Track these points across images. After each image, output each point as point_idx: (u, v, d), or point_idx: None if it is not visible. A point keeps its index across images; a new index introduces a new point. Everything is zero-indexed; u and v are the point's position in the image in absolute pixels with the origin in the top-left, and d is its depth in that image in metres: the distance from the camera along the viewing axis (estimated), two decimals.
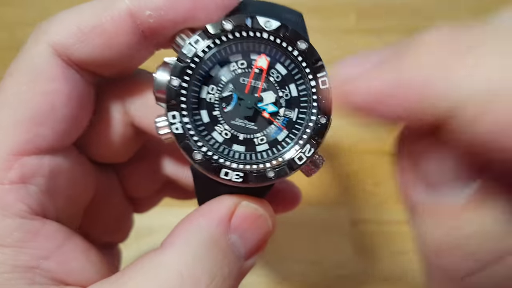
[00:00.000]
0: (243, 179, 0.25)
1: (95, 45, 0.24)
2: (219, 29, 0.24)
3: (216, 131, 0.26)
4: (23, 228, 0.23)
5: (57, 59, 0.24)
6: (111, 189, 0.34)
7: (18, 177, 0.23)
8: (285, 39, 0.24)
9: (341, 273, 0.50)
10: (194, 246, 0.23)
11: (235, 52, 0.25)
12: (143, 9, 0.24)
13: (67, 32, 0.24)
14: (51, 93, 0.24)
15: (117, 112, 0.29)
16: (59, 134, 0.24)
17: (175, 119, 0.24)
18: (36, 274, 0.23)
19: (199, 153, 0.24)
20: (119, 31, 0.24)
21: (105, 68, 0.26)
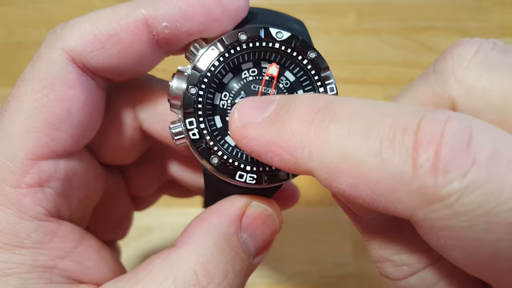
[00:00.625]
0: (256, 180, 0.26)
1: (110, 54, 0.24)
2: (234, 40, 0.25)
3: (229, 135, 0.27)
4: (40, 230, 0.23)
5: (73, 66, 0.24)
6: (117, 189, 0.34)
7: (35, 181, 0.23)
8: (295, 48, 0.26)
9: (341, 273, 0.50)
10: (207, 245, 0.24)
11: (247, 60, 0.26)
12: (160, 20, 0.24)
13: (83, 40, 0.24)
14: (67, 99, 0.24)
15: (127, 117, 0.30)
16: (74, 138, 0.25)
17: (193, 125, 0.25)
18: (53, 274, 0.23)
19: (215, 157, 0.25)
20: (134, 41, 0.24)
21: (118, 74, 0.26)
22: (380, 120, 0.17)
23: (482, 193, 0.16)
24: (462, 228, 0.16)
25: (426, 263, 0.21)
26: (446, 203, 0.16)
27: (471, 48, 0.21)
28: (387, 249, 0.22)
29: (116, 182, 0.34)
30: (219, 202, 0.26)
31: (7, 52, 0.60)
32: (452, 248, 0.17)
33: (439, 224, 0.17)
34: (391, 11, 0.65)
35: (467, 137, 0.16)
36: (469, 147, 0.16)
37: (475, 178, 0.16)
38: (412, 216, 0.17)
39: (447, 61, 0.21)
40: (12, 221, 0.23)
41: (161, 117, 0.29)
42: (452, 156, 0.16)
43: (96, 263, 0.25)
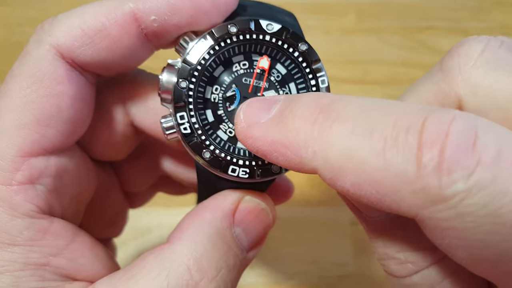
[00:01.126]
0: (249, 175, 0.25)
1: (99, 48, 0.24)
2: (224, 32, 0.25)
3: (221, 129, 0.26)
4: (32, 227, 0.23)
5: (61, 61, 0.24)
6: (110, 185, 0.34)
7: (26, 178, 0.23)
8: (286, 41, 0.25)
9: (341, 273, 0.50)
10: (200, 240, 0.24)
11: (238, 53, 0.26)
12: (148, 13, 0.24)
13: (72, 35, 0.24)
14: (56, 95, 0.24)
15: (117, 113, 0.30)
16: (64, 135, 0.25)
17: (184, 120, 0.25)
18: (46, 271, 0.23)
19: (207, 152, 0.25)
20: (123, 35, 0.24)
21: (107, 69, 0.26)
22: (384, 119, 0.17)
23: (487, 194, 0.15)
24: (466, 228, 0.16)
25: (431, 261, 0.21)
26: (450, 204, 0.16)
27: (478, 46, 0.21)
28: (391, 247, 0.22)
29: (109, 178, 0.34)
30: (212, 197, 0.26)
31: (6, 51, 0.60)
32: (456, 248, 0.17)
33: (444, 224, 0.16)
34: (391, 11, 0.65)
35: (473, 136, 0.16)
36: (475, 147, 0.16)
37: (480, 178, 0.15)
38: (417, 216, 0.17)
39: (454, 59, 0.21)
40: (3, 218, 0.22)
41: (152, 111, 0.29)
42: (457, 156, 0.16)
43: (89, 260, 0.25)
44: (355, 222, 0.52)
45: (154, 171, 0.36)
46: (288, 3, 0.66)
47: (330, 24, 0.63)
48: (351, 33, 0.63)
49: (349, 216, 0.53)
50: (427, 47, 0.62)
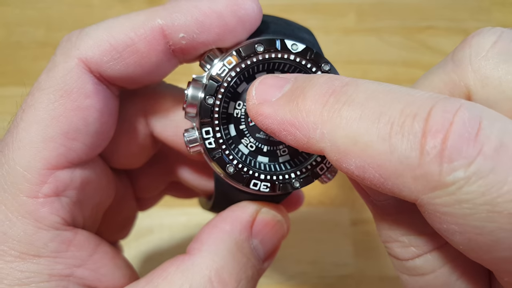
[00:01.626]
0: (270, 189, 0.26)
1: (127, 64, 0.24)
2: (251, 51, 0.25)
3: (242, 143, 0.27)
4: (57, 239, 0.23)
5: (89, 75, 0.24)
6: (125, 192, 0.34)
7: (52, 191, 0.23)
8: (310, 61, 0.26)
9: (341, 273, 0.50)
10: (220, 252, 0.24)
11: (261, 70, 0.27)
12: (177, 31, 0.24)
13: (100, 49, 0.24)
14: (84, 109, 0.24)
15: (139, 124, 0.30)
16: (90, 147, 0.25)
17: (209, 135, 0.25)
18: (70, 282, 0.24)
19: (231, 166, 0.26)
20: (151, 51, 0.24)
21: (133, 83, 0.26)
22: (393, 105, 0.18)
23: (485, 183, 0.16)
24: (464, 215, 0.17)
25: (433, 246, 0.22)
26: (449, 190, 0.16)
27: (491, 38, 0.21)
28: (396, 230, 0.23)
29: (124, 185, 0.34)
30: (230, 209, 0.27)
31: (6, 51, 0.60)
32: (453, 233, 0.17)
33: (442, 210, 0.17)
34: (391, 11, 0.65)
35: (476, 126, 0.16)
36: (477, 136, 0.16)
37: (479, 168, 0.16)
38: (417, 200, 0.18)
39: (466, 50, 0.22)
40: (29, 230, 0.23)
41: (173, 123, 0.29)
42: (459, 145, 0.16)
43: (110, 270, 0.26)
44: (355, 222, 0.52)
45: (166, 177, 0.37)
46: (289, 3, 0.66)
47: (330, 24, 0.63)
48: (351, 33, 0.63)
49: (349, 216, 0.53)
50: (427, 47, 0.62)
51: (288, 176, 0.26)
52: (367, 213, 0.53)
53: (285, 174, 0.26)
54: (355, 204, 0.53)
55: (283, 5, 0.64)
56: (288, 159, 0.27)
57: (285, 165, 0.27)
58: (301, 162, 0.27)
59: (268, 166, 0.27)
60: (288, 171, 0.26)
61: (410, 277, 0.23)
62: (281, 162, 0.27)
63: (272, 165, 0.27)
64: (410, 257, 0.23)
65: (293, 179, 0.26)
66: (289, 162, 0.27)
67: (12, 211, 0.23)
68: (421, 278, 0.22)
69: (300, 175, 0.26)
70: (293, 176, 0.26)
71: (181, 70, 0.29)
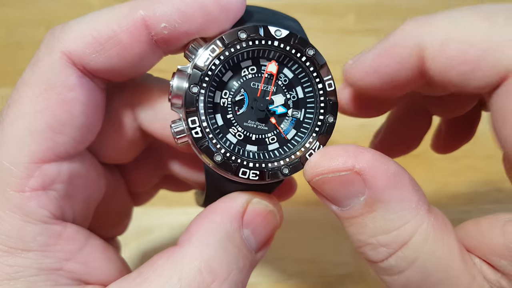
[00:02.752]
0: (259, 177, 0.26)
1: (110, 56, 0.24)
2: (234, 38, 0.25)
3: (230, 133, 0.27)
4: (45, 233, 0.23)
5: (73, 68, 0.24)
6: (117, 186, 0.34)
7: (39, 185, 0.23)
8: (294, 46, 0.26)
9: (340, 273, 0.50)
10: (211, 243, 0.24)
11: (246, 58, 0.27)
12: (159, 21, 0.24)
13: (83, 42, 0.24)
14: (69, 102, 0.24)
15: (126, 117, 0.30)
16: (76, 140, 0.25)
17: (195, 124, 0.25)
18: (60, 275, 0.24)
19: (219, 155, 0.26)
20: (134, 42, 0.24)
21: (118, 75, 0.26)
22: None
23: None
24: None
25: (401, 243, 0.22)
26: None
27: None
28: (364, 233, 0.23)
29: (116, 180, 0.34)
30: (220, 200, 0.27)
31: (6, 52, 0.60)
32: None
33: None
34: (390, 11, 0.65)
35: None
36: None
37: None
38: None
39: None
40: (17, 224, 0.23)
41: (161, 116, 0.29)
42: None
43: (101, 263, 0.26)
44: None
45: (159, 171, 0.37)
46: (289, 3, 0.66)
47: (330, 24, 0.63)
48: (351, 34, 0.63)
49: None
50: None
51: (277, 164, 0.26)
52: None
53: (274, 162, 0.26)
54: None
55: (282, 4, 0.64)
56: (277, 147, 0.27)
57: (274, 153, 0.27)
58: (290, 149, 0.27)
59: (257, 155, 0.27)
60: (277, 158, 0.27)
61: (390, 277, 0.23)
62: (270, 150, 0.27)
63: (261, 153, 0.27)
64: (383, 258, 0.23)
65: (282, 166, 0.26)
66: (278, 150, 0.27)
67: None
68: (400, 276, 0.23)
69: (289, 162, 0.26)
70: (282, 163, 0.26)
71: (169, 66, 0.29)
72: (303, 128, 0.27)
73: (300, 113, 0.27)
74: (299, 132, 0.27)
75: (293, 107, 0.27)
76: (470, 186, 0.55)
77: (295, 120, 0.27)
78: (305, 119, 0.27)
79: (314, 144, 0.26)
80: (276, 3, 0.64)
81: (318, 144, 0.27)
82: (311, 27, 0.66)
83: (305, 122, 0.27)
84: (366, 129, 0.58)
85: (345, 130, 0.56)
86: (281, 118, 0.27)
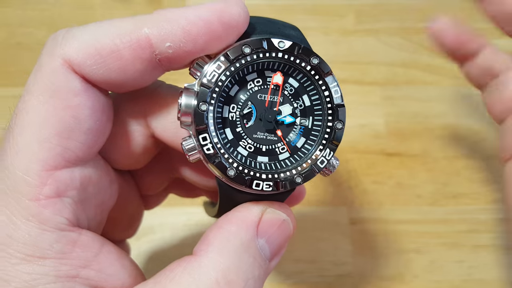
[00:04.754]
0: (272, 187, 0.26)
1: (110, 69, 0.24)
2: (239, 54, 0.26)
3: (241, 146, 0.27)
4: (62, 240, 0.24)
5: (75, 75, 0.24)
6: (129, 191, 0.35)
7: (53, 192, 0.24)
8: (298, 56, 0.26)
9: (340, 272, 0.50)
10: (227, 253, 0.24)
11: (251, 71, 0.27)
12: (163, 40, 0.24)
13: (85, 53, 0.24)
14: (74, 107, 0.24)
15: (138, 125, 0.30)
16: (86, 145, 0.25)
17: (206, 141, 0.26)
18: (76, 283, 0.24)
19: (232, 170, 0.26)
20: (136, 59, 0.24)
21: (117, 88, 0.26)
22: None
23: None
24: None
25: None
26: None
27: None
28: None
29: (128, 184, 0.34)
30: (235, 210, 0.27)
31: (7, 52, 0.60)
32: None
33: None
34: (390, 12, 0.65)
35: None
36: None
37: None
38: None
39: None
40: (34, 233, 0.23)
41: (173, 125, 0.29)
42: None
43: (116, 270, 0.26)
44: (354, 221, 0.53)
45: (170, 174, 0.37)
46: (289, 4, 0.67)
47: (329, 25, 0.64)
48: (350, 34, 0.63)
49: (348, 215, 0.53)
50: (426, 48, 0.63)
51: (290, 173, 0.26)
52: (366, 212, 0.53)
53: (286, 171, 0.26)
54: (354, 203, 0.54)
55: (283, 5, 0.64)
56: (287, 156, 0.28)
57: (285, 163, 0.27)
58: (301, 157, 0.27)
59: (268, 165, 0.27)
60: (289, 168, 0.27)
61: None
62: (281, 160, 0.28)
63: (272, 163, 0.27)
64: None
65: (295, 175, 0.26)
66: (289, 159, 0.28)
67: (15, 214, 0.23)
68: None
69: (301, 171, 0.27)
70: (295, 172, 0.26)
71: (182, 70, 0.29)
72: (312, 135, 0.28)
73: (308, 121, 0.28)
74: (309, 140, 0.28)
75: (301, 115, 0.28)
76: (470, 186, 0.55)
77: (304, 128, 0.28)
78: (314, 127, 0.28)
79: (324, 151, 0.27)
80: (276, 3, 0.64)
81: (329, 151, 0.27)
82: (310, 27, 0.66)
83: (313, 130, 0.28)
84: (367, 129, 0.58)
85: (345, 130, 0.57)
86: (290, 128, 0.28)
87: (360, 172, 0.55)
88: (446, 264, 0.51)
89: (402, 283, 0.50)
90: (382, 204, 0.54)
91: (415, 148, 0.57)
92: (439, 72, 0.61)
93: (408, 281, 0.50)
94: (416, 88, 0.60)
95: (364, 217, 0.53)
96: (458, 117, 0.58)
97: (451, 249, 0.52)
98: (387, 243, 0.52)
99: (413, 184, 0.55)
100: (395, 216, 0.53)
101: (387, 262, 0.51)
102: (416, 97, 0.59)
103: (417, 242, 0.52)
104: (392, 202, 0.54)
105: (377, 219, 0.53)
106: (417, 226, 0.53)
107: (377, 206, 0.54)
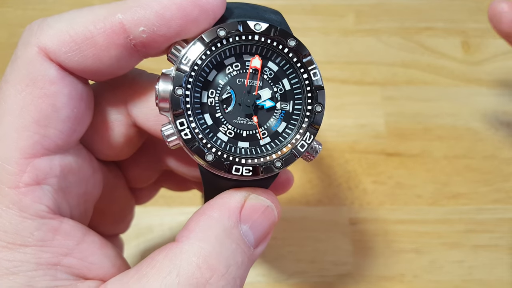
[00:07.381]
0: (252, 172, 0.26)
1: (85, 56, 0.24)
2: (214, 37, 0.25)
3: (221, 131, 0.27)
4: (42, 228, 0.24)
5: (51, 62, 0.24)
6: (116, 183, 0.34)
7: (32, 179, 0.24)
8: (275, 38, 0.26)
9: (340, 272, 0.50)
10: (208, 239, 0.24)
11: (229, 55, 0.27)
12: (137, 25, 0.24)
13: (59, 40, 0.24)
14: (51, 95, 0.24)
15: (119, 114, 0.30)
16: (64, 133, 0.25)
17: (183, 126, 0.25)
18: (58, 270, 0.24)
19: (210, 154, 0.26)
20: (110, 45, 0.24)
21: (94, 75, 0.26)
22: None
23: None
24: None
25: None
26: None
27: None
28: None
29: (115, 176, 0.34)
30: (218, 196, 0.27)
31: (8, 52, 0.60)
32: None
33: None
34: (390, 12, 0.65)
35: None
36: None
37: None
38: None
39: None
40: (14, 220, 0.23)
41: (155, 112, 0.29)
42: None
43: (99, 259, 0.26)
44: (353, 221, 0.53)
45: (158, 166, 0.37)
46: (288, 4, 0.67)
47: (330, 25, 0.64)
48: (350, 34, 0.63)
49: (348, 215, 0.53)
50: (426, 48, 0.63)
51: (270, 158, 0.26)
52: (365, 213, 0.53)
53: (267, 156, 0.26)
54: (354, 203, 0.54)
55: (282, 5, 0.64)
56: (268, 141, 0.27)
57: (266, 148, 0.27)
58: (281, 142, 0.27)
59: (249, 151, 0.27)
60: (269, 152, 0.27)
61: None
62: (262, 145, 0.27)
63: (253, 149, 0.27)
64: None
65: (275, 159, 0.26)
66: (269, 144, 0.27)
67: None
68: None
69: (282, 155, 0.26)
70: (275, 157, 0.26)
71: None
72: (293, 120, 0.28)
73: (289, 105, 0.28)
74: (289, 124, 0.28)
75: (281, 99, 0.28)
76: (470, 186, 0.55)
77: (285, 112, 0.28)
78: (295, 111, 0.28)
79: (304, 135, 0.27)
80: (276, 3, 0.64)
81: (309, 135, 0.27)
82: (310, 27, 0.66)
83: (294, 114, 0.28)
84: (367, 129, 0.58)
85: (345, 130, 0.57)
86: (270, 113, 0.27)
87: (360, 172, 0.55)
88: (446, 264, 0.51)
89: (402, 283, 0.50)
90: (382, 204, 0.54)
91: (415, 148, 0.57)
92: (439, 72, 0.61)
93: (408, 281, 0.50)
94: (416, 88, 0.60)
95: (364, 217, 0.53)
96: (458, 117, 0.59)
97: (451, 249, 0.52)
98: (387, 243, 0.52)
99: (413, 184, 0.55)
100: (395, 216, 0.53)
101: (387, 262, 0.51)
102: (416, 97, 0.59)
103: (417, 242, 0.52)
104: (392, 202, 0.54)
105: (377, 219, 0.53)
106: (417, 226, 0.53)
107: (377, 206, 0.54)
